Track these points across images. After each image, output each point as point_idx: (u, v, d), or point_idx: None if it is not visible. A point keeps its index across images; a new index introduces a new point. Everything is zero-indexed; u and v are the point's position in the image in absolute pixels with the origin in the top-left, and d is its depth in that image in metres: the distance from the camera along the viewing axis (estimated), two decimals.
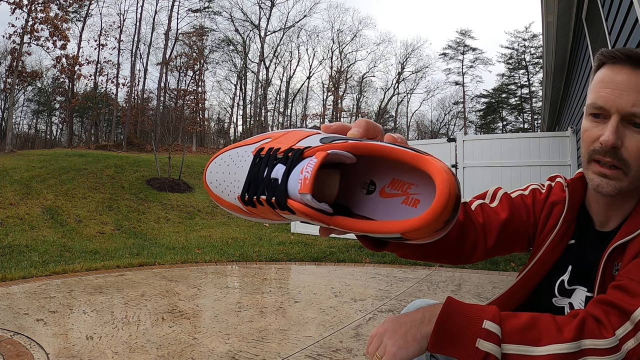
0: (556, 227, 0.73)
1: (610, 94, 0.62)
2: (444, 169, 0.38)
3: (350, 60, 32.66)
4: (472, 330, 0.51)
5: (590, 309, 0.57)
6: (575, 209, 0.75)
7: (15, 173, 9.46)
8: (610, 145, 0.61)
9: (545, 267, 0.75)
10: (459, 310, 0.51)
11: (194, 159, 15.99)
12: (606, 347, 0.52)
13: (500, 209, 0.76)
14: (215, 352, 2.10)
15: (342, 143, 0.43)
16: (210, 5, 28.03)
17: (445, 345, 0.52)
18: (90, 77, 25.34)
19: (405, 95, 34.71)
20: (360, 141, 0.43)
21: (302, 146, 0.44)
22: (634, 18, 2.24)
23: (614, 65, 0.63)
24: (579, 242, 0.74)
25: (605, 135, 0.61)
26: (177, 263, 4.70)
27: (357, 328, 2.50)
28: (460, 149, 5.57)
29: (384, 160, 0.44)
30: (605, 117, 0.63)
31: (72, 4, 21.69)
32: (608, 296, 0.58)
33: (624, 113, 0.60)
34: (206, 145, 29.08)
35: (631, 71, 0.61)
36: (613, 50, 0.64)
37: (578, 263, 0.72)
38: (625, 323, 0.54)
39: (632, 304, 0.54)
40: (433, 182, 0.39)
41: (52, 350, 2.08)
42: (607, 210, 0.70)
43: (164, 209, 9.05)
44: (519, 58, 31.14)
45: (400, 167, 0.45)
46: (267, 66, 29.77)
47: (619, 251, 0.64)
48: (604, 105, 0.62)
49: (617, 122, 0.61)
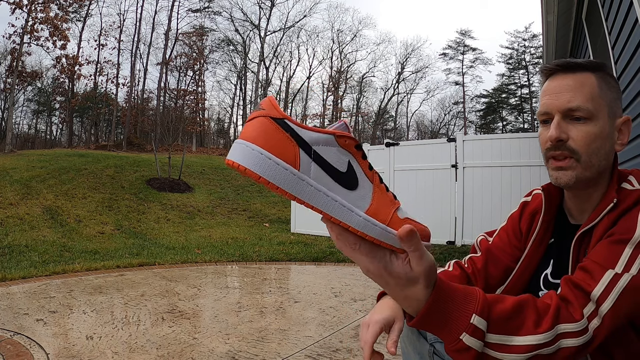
0: (536, 229, 0.83)
1: (549, 99, 0.73)
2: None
3: (350, 60, 32.68)
4: (459, 323, 0.52)
5: (563, 291, 0.63)
6: (553, 210, 0.83)
7: (15, 173, 9.47)
8: (555, 138, 0.71)
9: (531, 266, 0.83)
10: (448, 296, 0.51)
11: (194, 159, 16.00)
12: (577, 330, 0.57)
13: (478, 259, 0.92)
14: (215, 352, 2.10)
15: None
16: (210, 5, 28.04)
17: (428, 327, 0.53)
18: (90, 77, 25.35)
19: (405, 95, 34.74)
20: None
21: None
22: (634, 18, 2.24)
23: (550, 77, 0.75)
24: (558, 239, 0.82)
25: (550, 132, 0.72)
26: (177, 263, 4.70)
27: (357, 328, 2.50)
28: (460, 149, 5.58)
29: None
30: (551, 120, 0.73)
31: (72, 4, 21.67)
32: (574, 277, 0.64)
33: (563, 110, 0.71)
34: (206, 145, 29.09)
35: (563, 76, 0.73)
36: (546, 65, 0.77)
37: (559, 257, 0.80)
38: (588, 303, 0.59)
39: (591, 284, 0.60)
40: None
41: (52, 350, 2.08)
42: (579, 203, 0.77)
43: (164, 209, 9.05)
44: (519, 58, 31.16)
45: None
46: (267, 66, 29.78)
47: (588, 238, 0.71)
48: (547, 110, 0.73)
49: (559, 120, 0.72)
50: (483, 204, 5.35)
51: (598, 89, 0.71)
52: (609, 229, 0.67)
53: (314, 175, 0.42)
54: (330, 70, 32.49)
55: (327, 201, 0.43)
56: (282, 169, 0.40)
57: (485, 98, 33.72)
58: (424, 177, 5.87)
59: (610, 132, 0.72)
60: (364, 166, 0.46)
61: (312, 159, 0.42)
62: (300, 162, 0.41)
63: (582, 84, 0.71)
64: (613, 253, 0.62)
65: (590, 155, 0.70)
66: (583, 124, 0.70)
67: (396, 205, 0.48)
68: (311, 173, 0.42)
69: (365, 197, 0.45)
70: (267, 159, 0.40)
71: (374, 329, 0.72)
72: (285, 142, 0.41)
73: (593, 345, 0.58)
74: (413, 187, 5.92)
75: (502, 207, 5.12)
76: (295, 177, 0.41)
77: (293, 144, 0.41)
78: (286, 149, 0.41)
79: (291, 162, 0.41)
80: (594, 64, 0.73)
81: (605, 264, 0.61)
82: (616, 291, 0.59)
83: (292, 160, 0.41)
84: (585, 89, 0.71)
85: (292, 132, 0.41)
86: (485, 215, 5.29)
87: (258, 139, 0.40)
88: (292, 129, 0.41)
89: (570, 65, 0.73)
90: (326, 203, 0.42)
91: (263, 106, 0.42)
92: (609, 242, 0.64)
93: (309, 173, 0.42)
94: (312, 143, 0.42)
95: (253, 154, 0.40)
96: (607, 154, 0.72)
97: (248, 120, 0.42)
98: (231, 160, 0.40)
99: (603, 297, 0.59)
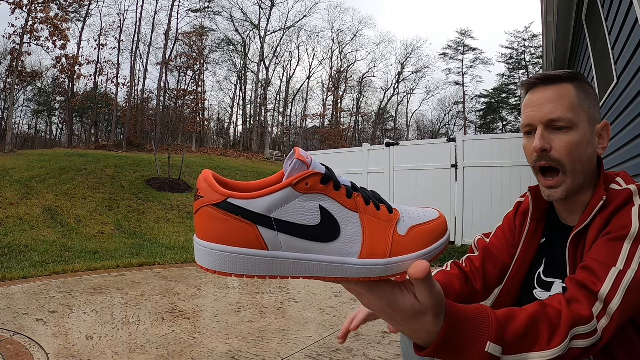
0: (527, 227, 0.85)
1: (531, 111, 0.76)
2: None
3: (350, 60, 32.77)
4: (474, 353, 0.49)
5: (570, 292, 0.62)
6: (542, 209, 0.85)
7: (15, 173, 9.47)
8: (539, 149, 0.74)
9: (524, 266, 0.85)
10: (460, 325, 0.48)
11: (194, 159, 16.01)
12: (588, 332, 0.56)
13: (476, 258, 0.94)
14: (215, 352, 2.10)
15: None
16: (210, 5, 28.07)
17: (440, 357, 0.50)
18: (90, 77, 25.39)
19: (405, 95, 34.78)
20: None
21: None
22: (634, 18, 2.24)
23: (532, 90, 0.78)
24: (549, 239, 0.84)
25: (534, 143, 0.75)
26: (177, 263, 4.70)
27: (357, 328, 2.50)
28: (460, 149, 5.57)
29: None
30: (534, 131, 0.76)
31: (72, 4, 21.71)
32: (578, 276, 0.64)
33: (545, 121, 0.74)
34: (206, 145, 29.09)
35: (543, 89, 0.76)
36: (528, 79, 0.80)
37: (550, 256, 0.82)
38: (596, 303, 0.59)
39: (596, 284, 0.60)
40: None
41: (52, 350, 2.07)
42: (567, 205, 0.80)
43: (164, 209, 9.05)
44: (519, 58, 31.18)
45: None
46: (267, 66, 29.80)
47: (584, 238, 0.72)
48: (530, 122, 0.76)
49: (542, 131, 0.74)
50: (483, 204, 5.35)
51: (577, 99, 0.74)
52: (603, 228, 0.68)
53: (286, 246, 0.37)
54: (330, 70, 32.55)
55: (313, 266, 0.38)
56: (249, 257, 0.36)
57: (485, 98, 33.76)
58: (424, 177, 5.87)
59: (591, 138, 0.75)
60: (340, 198, 0.39)
61: (276, 230, 0.36)
62: (265, 241, 0.36)
63: (562, 95, 0.74)
64: (613, 250, 0.62)
65: (574, 162, 0.73)
66: (565, 133, 0.73)
67: (394, 220, 0.42)
68: (282, 245, 0.37)
69: (352, 239, 0.39)
70: (229, 254, 0.36)
71: (360, 316, 0.82)
72: (239, 227, 0.36)
73: (599, 346, 0.57)
74: (413, 187, 5.92)
75: (502, 206, 5.11)
76: (267, 259, 0.36)
77: (248, 225, 0.36)
78: (244, 234, 0.36)
79: (256, 246, 0.36)
80: (571, 74, 0.76)
81: (607, 262, 0.62)
82: (623, 288, 0.59)
83: (255, 244, 0.36)
84: (565, 99, 0.74)
85: (241, 211, 0.36)
86: (485, 214, 5.29)
87: (210, 234, 0.36)
88: (240, 207, 0.36)
89: (549, 77, 0.76)
90: (313, 268, 0.38)
91: (201, 192, 0.37)
92: (608, 240, 0.64)
93: (279, 247, 0.37)
94: (268, 212, 0.36)
95: (213, 254, 0.36)
96: (590, 159, 0.75)
97: (194, 213, 0.38)
98: (199, 265, 0.37)
99: (611, 295, 0.59)
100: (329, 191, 0.38)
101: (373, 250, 0.40)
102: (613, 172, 0.78)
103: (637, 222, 0.63)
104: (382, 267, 0.40)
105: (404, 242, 0.41)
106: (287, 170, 0.38)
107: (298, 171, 0.37)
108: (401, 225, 0.42)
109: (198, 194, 0.37)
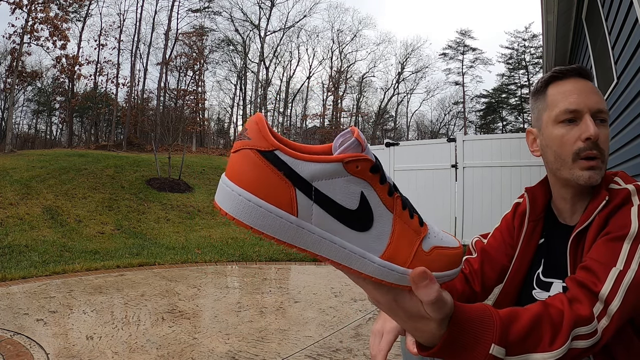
0: (525, 228, 0.85)
1: (578, 98, 0.72)
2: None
3: (350, 60, 32.69)
4: (478, 355, 0.49)
5: (571, 292, 0.62)
6: (539, 210, 0.84)
7: (15, 173, 9.46)
8: (596, 135, 0.70)
9: (523, 267, 0.84)
10: (465, 327, 0.48)
11: (194, 159, 16.00)
12: (589, 332, 0.56)
13: (475, 260, 0.93)
14: (215, 352, 2.10)
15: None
16: (210, 5, 28.04)
17: (445, 356, 0.50)
18: (90, 77, 25.34)
19: (405, 95, 34.74)
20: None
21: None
22: (634, 18, 2.24)
23: (568, 79, 0.75)
24: (548, 238, 0.83)
25: (592, 130, 0.70)
26: (177, 263, 4.70)
27: (357, 328, 2.50)
28: (460, 149, 5.58)
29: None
30: (576, 119, 0.73)
31: (72, 4, 21.67)
32: (578, 276, 0.63)
33: (594, 110, 0.72)
34: (206, 145, 29.09)
35: (583, 80, 0.75)
36: (562, 68, 0.77)
37: (549, 256, 0.81)
38: (596, 303, 0.59)
39: (597, 284, 0.60)
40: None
41: (52, 350, 2.08)
42: (574, 203, 0.78)
43: (164, 209, 9.04)
44: (519, 58, 31.16)
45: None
46: (267, 66, 29.78)
47: (584, 238, 0.71)
48: (577, 107, 0.72)
49: (590, 119, 0.71)
50: (483, 204, 5.35)
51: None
52: (602, 228, 0.68)
53: (316, 221, 0.35)
54: (330, 70, 32.50)
55: (334, 249, 0.36)
56: (276, 217, 0.34)
57: (485, 98, 33.74)
58: (424, 177, 5.87)
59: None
60: (382, 193, 0.38)
61: (312, 200, 0.35)
62: (298, 207, 0.34)
63: (596, 89, 0.74)
64: (613, 250, 0.62)
65: (607, 156, 0.74)
66: (604, 126, 0.73)
67: (422, 234, 0.41)
68: (312, 218, 0.35)
69: (381, 236, 0.38)
70: (256, 206, 0.33)
71: (388, 338, 0.69)
72: (278, 183, 0.34)
73: (599, 346, 0.57)
74: (413, 187, 5.91)
75: (502, 206, 5.11)
76: (292, 225, 0.34)
77: (287, 184, 0.34)
78: (279, 192, 0.34)
79: (287, 208, 0.34)
80: (590, 72, 0.77)
81: (607, 262, 0.61)
82: (623, 289, 0.59)
83: (287, 206, 0.34)
84: (600, 94, 0.74)
85: (286, 168, 0.34)
86: (485, 214, 5.29)
87: (244, 179, 0.34)
88: (286, 163, 0.34)
89: (585, 70, 0.75)
90: (332, 251, 0.36)
91: (249, 133, 0.34)
92: (607, 240, 0.64)
93: (309, 218, 0.35)
94: (312, 179, 0.34)
95: (240, 201, 0.34)
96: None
97: (233, 151, 0.36)
98: (218, 206, 0.35)
99: (611, 296, 0.59)
100: (374, 182, 0.37)
101: (395, 254, 0.39)
102: (611, 172, 0.78)
103: (636, 222, 0.63)
104: (398, 274, 0.39)
105: (425, 258, 0.40)
106: (336, 146, 0.36)
107: (352, 151, 0.36)
108: (426, 242, 0.41)
109: (245, 134, 0.35)
